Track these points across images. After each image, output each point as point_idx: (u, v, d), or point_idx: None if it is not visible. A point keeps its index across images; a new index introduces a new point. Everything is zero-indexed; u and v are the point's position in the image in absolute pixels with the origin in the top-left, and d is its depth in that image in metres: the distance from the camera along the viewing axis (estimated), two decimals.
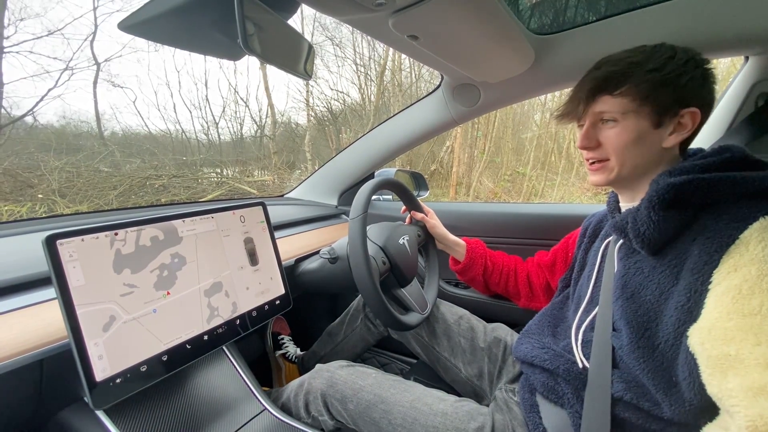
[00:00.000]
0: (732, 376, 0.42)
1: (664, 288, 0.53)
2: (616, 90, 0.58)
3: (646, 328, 0.53)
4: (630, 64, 0.58)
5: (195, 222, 0.72)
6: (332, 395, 0.77)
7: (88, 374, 0.53)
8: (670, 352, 0.50)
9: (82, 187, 4.05)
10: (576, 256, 0.81)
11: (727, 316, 0.44)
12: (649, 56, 0.57)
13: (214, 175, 5.73)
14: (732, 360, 0.42)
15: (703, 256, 0.49)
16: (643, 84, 0.56)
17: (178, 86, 5.90)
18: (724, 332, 0.44)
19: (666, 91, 0.56)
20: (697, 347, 0.46)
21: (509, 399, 0.74)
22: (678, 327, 0.49)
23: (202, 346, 0.68)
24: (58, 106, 5.07)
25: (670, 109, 0.57)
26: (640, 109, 0.57)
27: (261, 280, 0.82)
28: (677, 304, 0.50)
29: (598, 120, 0.62)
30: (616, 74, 0.58)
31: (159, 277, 0.64)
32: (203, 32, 0.60)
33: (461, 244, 1.04)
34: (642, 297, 0.55)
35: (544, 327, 0.76)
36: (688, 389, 0.48)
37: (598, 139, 0.62)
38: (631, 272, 0.59)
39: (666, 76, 0.56)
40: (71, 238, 0.54)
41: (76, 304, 0.53)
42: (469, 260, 1.02)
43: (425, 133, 1.26)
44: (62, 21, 4.41)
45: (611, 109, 0.59)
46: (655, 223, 0.53)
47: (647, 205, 0.54)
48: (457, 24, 0.67)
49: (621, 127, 0.59)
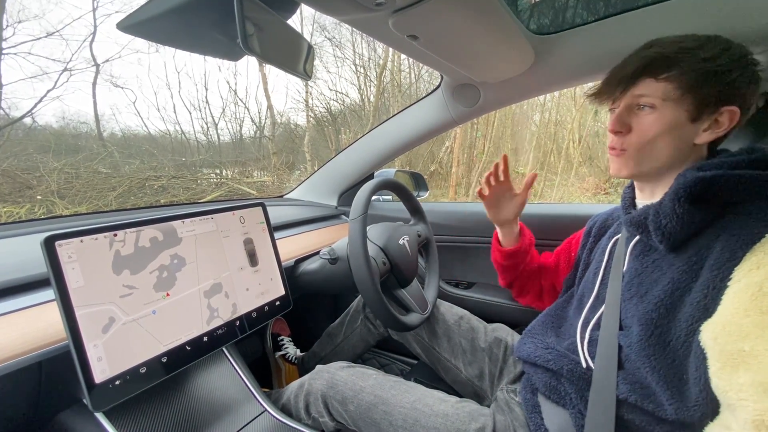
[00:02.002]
0: (744, 371, 0.42)
1: (680, 284, 0.52)
2: (662, 74, 0.55)
3: (657, 325, 0.52)
4: (681, 49, 0.55)
5: (194, 223, 0.72)
6: (332, 396, 0.76)
7: (87, 376, 0.52)
8: (682, 349, 0.50)
9: (81, 189, 4.05)
10: (580, 257, 0.80)
11: (744, 313, 0.43)
12: (703, 44, 0.54)
13: (213, 175, 5.73)
14: (746, 356, 0.42)
15: (725, 252, 0.48)
16: (691, 72, 0.53)
17: (178, 87, 5.92)
18: (739, 328, 0.43)
19: (713, 84, 0.53)
20: (709, 341, 0.46)
21: (510, 399, 0.74)
22: (691, 324, 0.48)
23: (201, 348, 0.68)
24: (57, 107, 5.09)
25: (711, 103, 0.54)
26: (681, 99, 0.55)
27: (261, 281, 0.82)
28: (693, 300, 0.49)
29: (634, 104, 0.59)
30: (665, 58, 0.55)
31: (158, 278, 0.64)
32: (203, 32, 0.60)
33: (517, 231, 0.95)
34: (655, 294, 0.54)
35: (547, 327, 0.75)
36: (694, 385, 0.47)
37: (630, 125, 0.59)
38: (648, 270, 0.58)
39: (717, 68, 0.53)
40: (70, 239, 0.54)
41: (75, 306, 0.53)
42: (521, 246, 0.93)
43: (425, 133, 1.26)
44: (61, 22, 4.42)
45: (652, 94, 0.56)
46: (679, 216, 0.52)
47: (672, 197, 0.53)
48: (457, 24, 0.67)
49: (657, 114, 0.56)
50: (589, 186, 7.24)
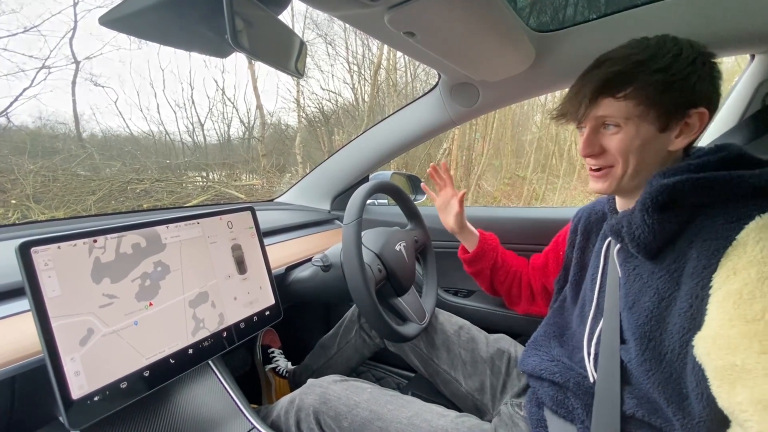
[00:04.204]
0: (740, 388, 0.42)
1: (664, 294, 0.53)
2: (619, 93, 0.56)
3: (651, 339, 0.53)
4: (634, 64, 0.55)
5: (179, 228, 0.71)
6: (325, 412, 0.76)
7: (63, 392, 0.52)
8: (678, 361, 0.50)
9: (58, 192, 4.00)
10: (569, 256, 0.81)
11: (729, 323, 0.44)
12: (654, 53, 0.55)
13: (199, 179, 5.70)
14: (739, 370, 0.42)
15: (701, 259, 0.49)
16: (649, 87, 0.54)
17: (162, 85, 5.88)
18: (728, 341, 0.44)
19: (673, 94, 0.54)
20: (704, 357, 0.46)
21: (515, 414, 0.73)
22: (683, 335, 0.49)
23: (186, 361, 0.67)
24: (34, 106, 5.02)
25: (677, 111, 0.55)
26: (645, 114, 0.55)
27: (249, 289, 0.82)
28: (680, 310, 0.50)
29: (599, 124, 0.60)
30: (619, 75, 0.56)
31: (141, 287, 0.63)
32: (190, 27, 0.59)
33: (475, 234, 1.04)
34: (642, 305, 0.55)
35: (550, 337, 0.76)
36: (696, 401, 0.48)
37: (601, 145, 0.60)
38: (631, 279, 0.59)
39: (673, 77, 0.53)
40: (47, 246, 0.53)
41: (51, 317, 0.52)
42: (480, 250, 1.01)
43: (422, 134, 1.27)
44: (39, 17, 4.37)
45: (614, 114, 0.57)
46: (650, 227, 0.53)
47: (641, 208, 0.54)
48: (455, 20, 0.67)
49: (624, 133, 0.57)
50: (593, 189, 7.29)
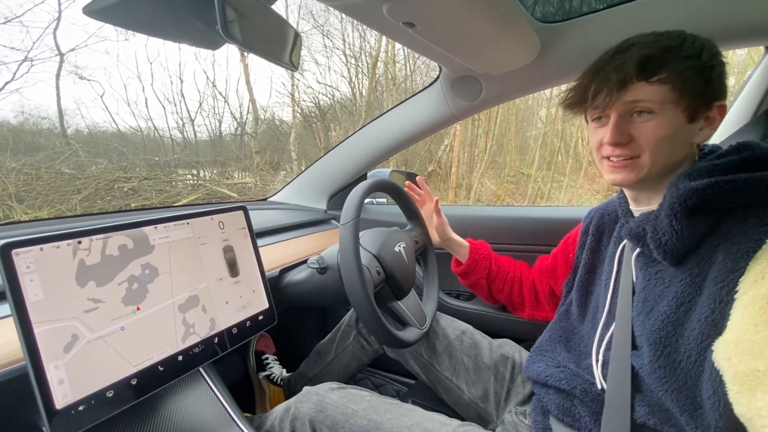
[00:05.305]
0: (762, 393, 0.42)
1: (684, 299, 0.52)
2: (654, 76, 0.55)
3: (666, 345, 0.53)
4: (664, 49, 0.55)
5: (168, 229, 0.71)
6: (321, 421, 0.75)
7: (46, 401, 0.51)
8: (694, 369, 0.50)
9: (41, 191, 4.00)
10: (579, 257, 0.81)
11: (754, 328, 0.44)
12: (682, 41, 0.56)
13: (189, 177, 5.70)
14: (761, 376, 0.42)
15: (728, 263, 0.49)
16: (683, 72, 0.54)
17: (150, 79, 5.87)
18: (751, 346, 0.44)
19: (704, 82, 0.55)
20: (723, 363, 0.46)
21: (519, 423, 0.73)
22: (701, 341, 0.49)
23: (176, 368, 0.67)
24: (16, 100, 5.00)
25: (704, 101, 0.56)
26: (678, 100, 0.55)
27: (242, 293, 0.81)
28: (700, 316, 0.50)
29: (629, 111, 0.58)
30: (652, 58, 0.55)
31: (128, 290, 0.62)
32: (179, 18, 0.59)
33: (464, 245, 1.05)
34: (661, 310, 0.55)
35: (555, 342, 0.75)
36: (712, 410, 0.47)
37: (630, 133, 0.59)
38: (652, 283, 0.59)
39: (704, 64, 0.55)
40: (29, 248, 0.53)
41: (33, 322, 0.51)
42: (472, 262, 1.02)
43: (422, 130, 1.26)
44: (21, 6, 4.36)
45: (649, 98, 0.56)
46: (678, 233, 0.53)
47: (668, 213, 0.53)
48: (457, 10, 0.67)
49: (658, 119, 0.56)
50: (600, 188, 7.31)
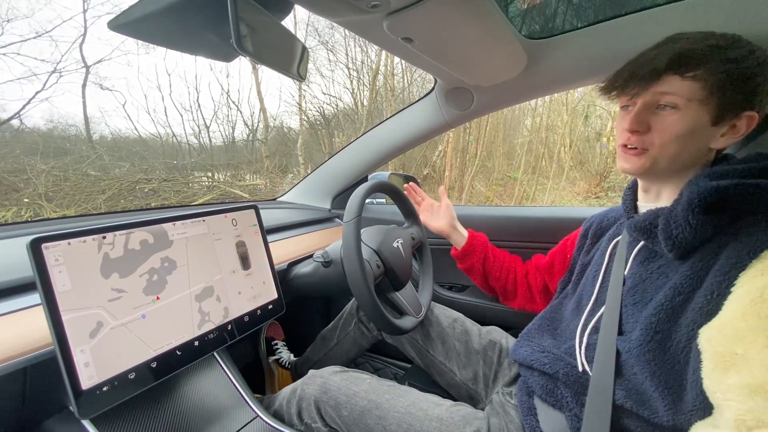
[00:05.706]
0: (734, 374, 0.42)
1: (683, 289, 0.51)
2: (688, 71, 0.52)
3: (657, 330, 0.52)
4: (710, 47, 0.52)
5: (186, 225, 0.71)
6: (326, 402, 0.75)
7: (73, 382, 0.51)
8: (682, 354, 0.49)
9: (69, 191, 3.99)
10: (576, 259, 0.81)
11: (741, 317, 0.43)
12: (733, 42, 0.52)
13: (205, 179, 5.68)
14: (737, 359, 0.42)
15: (732, 258, 0.47)
16: (719, 73, 0.51)
17: (169, 89, 5.85)
18: (734, 331, 0.43)
19: (738, 88, 0.51)
20: (705, 344, 0.45)
21: (506, 402, 0.73)
22: (692, 329, 0.48)
23: (192, 353, 0.67)
24: (46, 109, 5.01)
25: (734, 108, 0.52)
26: (706, 100, 0.52)
27: (253, 284, 0.81)
28: (695, 306, 0.49)
29: (654, 102, 0.55)
30: (692, 53, 0.52)
31: (148, 281, 0.62)
32: (196, 32, 0.59)
33: (465, 235, 1.04)
34: (658, 299, 0.53)
35: (543, 330, 0.75)
36: (692, 389, 0.47)
37: (649, 124, 0.56)
38: (653, 277, 0.57)
39: (744, 70, 0.51)
40: (57, 242, 0.53)
41: (61, 310, 0.51)
42: (469, 246, 1.02)
43: (418, 136, 1.26)
44: (50, 23, 4.35)
45: (677, 92, 0.53)
46: (693, 227, 0.50)
47: (686, 207, 0.51)
48: (451, 27, 0.67)
49: (680, 115, 0.53)
50: (580, 190, 7.32)
